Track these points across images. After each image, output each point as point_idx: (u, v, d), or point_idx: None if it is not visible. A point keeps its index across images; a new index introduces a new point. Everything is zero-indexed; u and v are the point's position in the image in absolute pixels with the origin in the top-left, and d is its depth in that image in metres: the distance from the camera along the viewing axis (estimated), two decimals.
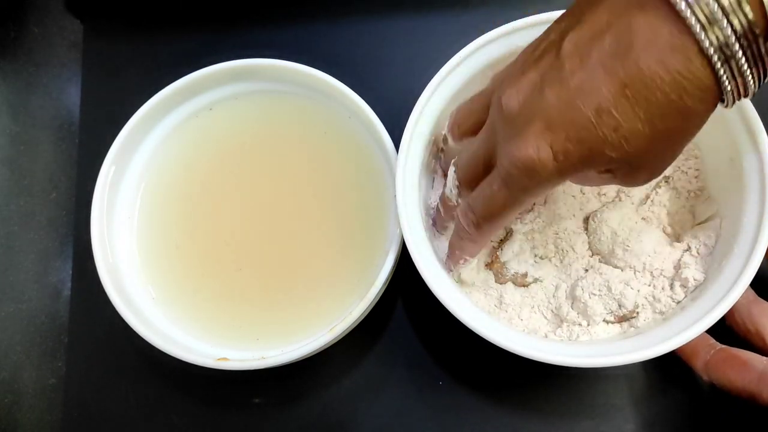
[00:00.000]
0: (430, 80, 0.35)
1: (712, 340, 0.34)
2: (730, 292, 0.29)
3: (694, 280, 0.32)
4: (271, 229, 0.40)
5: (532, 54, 0.26)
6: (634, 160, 0.24)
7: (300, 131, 0.42)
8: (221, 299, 0.39)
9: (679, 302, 0.33)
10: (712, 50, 0.21)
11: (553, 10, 0.34)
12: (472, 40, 0.35)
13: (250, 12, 0.47)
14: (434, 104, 0.35)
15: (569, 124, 0.23)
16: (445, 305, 0.31)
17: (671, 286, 0.33)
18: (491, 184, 0.27)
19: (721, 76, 0.21)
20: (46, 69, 0.48)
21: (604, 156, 0.24)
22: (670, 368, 0.37)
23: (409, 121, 0.34)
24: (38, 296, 0.43)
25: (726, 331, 0.33)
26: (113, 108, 0.42)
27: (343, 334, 0.35)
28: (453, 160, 0.31)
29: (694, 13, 0.21)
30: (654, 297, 0.33)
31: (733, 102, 0.22)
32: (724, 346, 0.33)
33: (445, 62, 0.35)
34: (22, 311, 0.43)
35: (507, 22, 0.35)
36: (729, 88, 0.22)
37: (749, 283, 0.30)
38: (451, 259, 0.34)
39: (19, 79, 0.48)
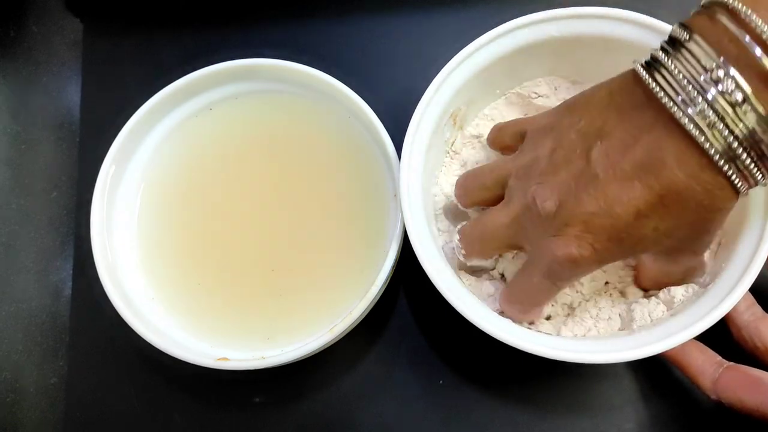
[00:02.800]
0: (430, 80, 0.35)
1: (719, 358, 0.33)
2: (734, 289, 0.29)
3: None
4: (271, 229, 0.40)
5: (555, 150, 0.28)
6: (676, 248, 0.28)
7: (300, 131, 0.42)
8: (221, 299, 0.39)
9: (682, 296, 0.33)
10: (718, 157, 0.24)
11: (553, 8, 0.34)
12: (472, 39, 0.35)
13: (250, 12, 0.47)
14: (439, 99, 0.35)
15: (610, 228, 0.26)
16: (446, 297, 0.31)
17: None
18: (530, 276, 0.30)
19: (731, 178, 0.24)
20: (46, 68, 0.48)
21: (644, 249, 0.28)
22: (670, 367, 0.37)
23: (413, 116, 0.34)
24: (39, 296, 0.43)
25: (733, 348, 0.33)
26: (113, 108, 0.41)
27: (343, 334, 0.35)
28: (458, 227, 0.34)
29: (698, 127, 0.23)
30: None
31: (746, 192, 0.25)
32: (732, 363, 0.32)
33: (445, 62, 0.35)
34: (23, 311, 0.43)
35: (508, 20, 0.35)
36: (740, 185, 0.24)
37: (754, 279, 0.29)
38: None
39: (19, 79, 0.48)
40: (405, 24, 0.46)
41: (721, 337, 0.33)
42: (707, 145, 0.23)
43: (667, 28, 0.32)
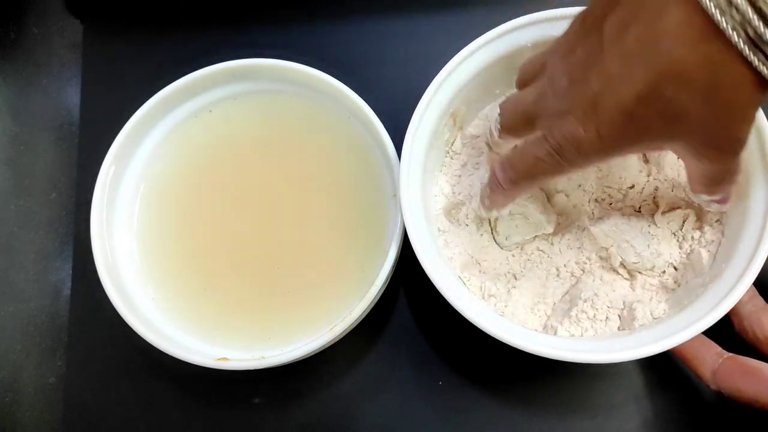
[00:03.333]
0: (430, 80, 0.35)
1: (719, 349, 0.33)
2: (731, 291, 0.29)
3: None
4: (271, 228, 0.40)
5: (582, 25, 0.26)
6: (696, 141, 0.25)
7: (300, 131, 0.42)
8: (221, 299, 0.39)
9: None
10: (737, 39, 0.21)
11: (553, 8, 0.35)
12: (471, 40, 0.35)
13: (250, 12, 0.47)
14: (439, 99, 0.35)
15: (612, 110, 0.24)
16: (445, 296, 0.31)
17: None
18: (539, 147, 0.28)
19: (756, 65, 0.21)
20: (46, 69, 0.48)
21: (653, 137, 0.25)
22: (671, 366, 0.37)
23: (413, 116, 0.34)
24: (38, 296, 0.43)
25: (734, 339, 0.33)
26: (113, 108, 0.41)
27: (343, 334, 0.35)
28: (499, 102, 0.32)
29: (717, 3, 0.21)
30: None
31: None
32: (732, 354, 0.33)
33: (445, 62, 0.35)
34: (22, 311, 0.43)
35: (508, 21, 0.35)
36: (765, 71, 0.21)
37: (752, 282, 0.29)
38: (481, 208, 0.34)
39: (19, 79, 0.48)
40: (405, 25, 0.46)
41: (723, 328, 0.33)
42: (725, 24, 0.21)
43: None
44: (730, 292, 0.29)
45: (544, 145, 0.28)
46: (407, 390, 0.39)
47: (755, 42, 0.21)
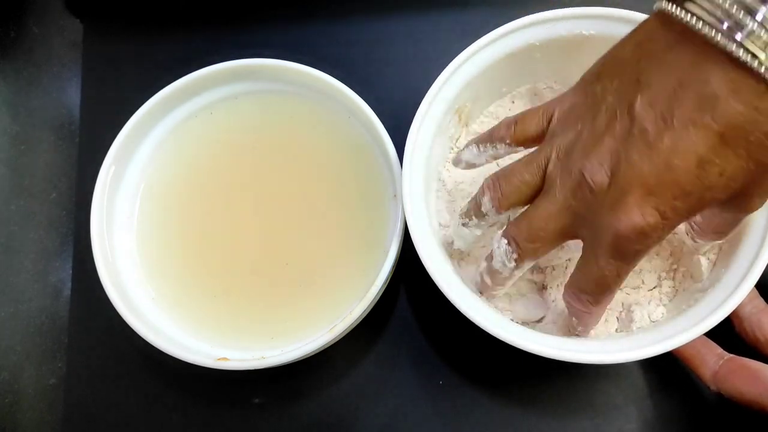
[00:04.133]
0: (430, 80, 0.35)
1: (720, 350, 0.33)
2: (733, 293, 0.29)
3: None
4: (271, 228, 0.40)
5: (594, 120, 0.26)
6: (742, 193, 0.25)
7: (300, 131, 0.42)
8: (221, 299, 0.39)
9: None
10: None
11: (554, 8, 0.35)
12: (472, 41, 0.35)
13: (250, 12, 0.47)
14: (445, 95, 0.35)
15: (672, 184, 0.24)
16: (446, 295, 0.31)
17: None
18: (595, 261, 0.27)
19: None
20: (46, 69, 0.48)
21: (713, 199, 0.24)
22: (671, 367, 0.37)
23: (418, 111, 0.34)
24: (38, 296, 0.43)
25: (734, 340, 0.33)
26: (113, 108, 0.41)
27: (343, 334, 0.35)
28: (500, 233, 0.30)
29: (751, 53, 0.21)
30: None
31: None
32: (732, 355, 0.33)
33: (446, 62, 0.35)
34: (22, 311, 0.43)
35: (508, 21, 0.35)
36: None
37: (754, 284, 0.29)
38: (578, 333, 0.33)
39: (19, 79, 0.48)
40: (405, 25, 0.46)
41: (723, 330, 0.33)
42: (763, 69, 0.21)
43: None
44: (729, 298, 0.29)
45: (598, 258, 0.27)
46: (407, 390, 0.39)
47: None
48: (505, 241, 0.30)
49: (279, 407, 0.39)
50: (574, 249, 0.35)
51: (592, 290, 0.28)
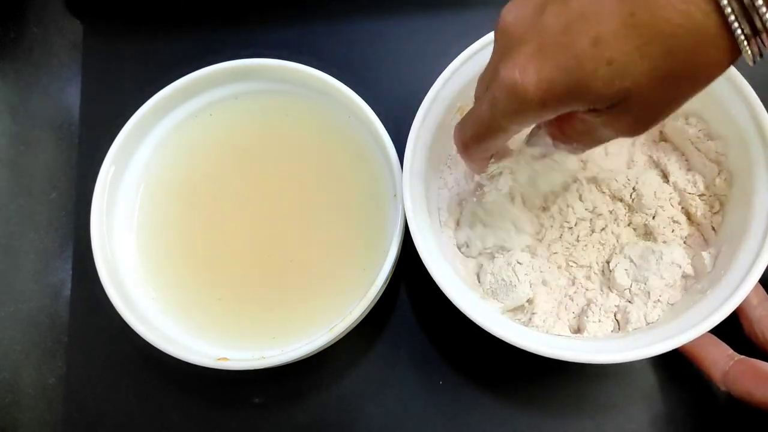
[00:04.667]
0: (430, 79, 0.35)
1: (731, 351, 0.33)
2: (733, 294, 0.29)
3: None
4: (271, 228, 0.40)
5: None
6: (623, 101, 0.22)
7: (300, 131, 0.42)
8: (221, 299, 0.39)
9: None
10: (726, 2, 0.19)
11: None
12: (472, 40, 0.35)
13: (250, 12, 0.47)
14: (446, 94, 0.35)
15: (561, 51, 0.22)
16: (447, 294, 0.31)
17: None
18: (481, 104, 0.26)
19: (735, 30, 0.19)
20: (46, 69, 0.48)
21: (591, 91, 0.22)
22: (672, 367, 0.37)
23: (419, 110, 0.34)
24: (38, 296, 0.43)
25: (743, 341, 0.33)
26: (113, 108, 0.41)
27: (343, 334, 0.35)
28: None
29: None
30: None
31: (754, 59, 0.20)
32: (743, 356, 0.33)
33: (446, 61, 0.35)
34: (22, 311, 0.43)
35: None
36: (744, 42, 0.20)
37: (753, 285, 0.29)
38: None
39: (19, 79, 0.48)
40: (404, 25, 0.46)
41: (732, 331, 0.33)
42: None
43: None
44: (729, 298, 0.30)
45: (484, 100, 0.25)
46: (407, 390, 0.39)
47: (746, 8, 0.19)
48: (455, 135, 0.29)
49: (279, 407, 0.39)
50: None
51: (467, 130, 0.27)
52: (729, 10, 0.19)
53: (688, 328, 0.29)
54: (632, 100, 0.22)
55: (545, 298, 0.35)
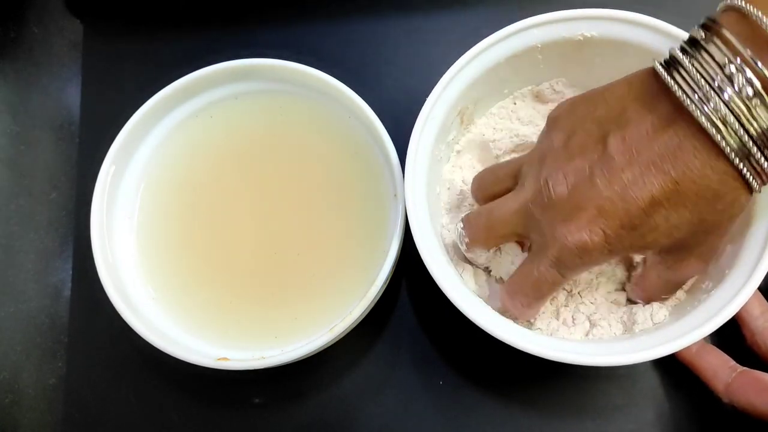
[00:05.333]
0: (430, 80, 0.35)
1: (733, 362, 0.33)
2: (736, 296, 0.29)
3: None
4: (271, 228, 0.40)
5: (570, 138, 0.28)
6: (681, 246, 0.28)
7: (300, 131, 0.42)
8: (221, 299, 0.39)
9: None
10: (732, 154, 0.24)
11: (552, 10, 0.35)
12: (473, 40, 0.35)
13: (250, 12, 0.47)
14: (447, 96, 0.35)
15: (623, 213, 0.26)
16: (449, 296, 0.31)
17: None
18: (536, 266, 0.29)
19: (745, 174, 0.24)
20: (46, 69, 0.48)
21: (654, 242, 0.27)
22: (672, 369, 0.37)
23: (421, 113, 0.34)
24: (38, 296, 0.43)
25: (745, 353, 0.33)
26: (113, 108, 0.41)
27: (343, 334, 0.35)
28: (463, 215, 0.33)
29: (714, 124, 0.24)
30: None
31: (760, 189, 0.25)
32: (745, 368, 0.33)
33: (446, 62, 0.35)
34: (22, 311, 0.43)
35: (507, 22, 0.35)
36: (753, 181, 0.25)
37: (756, 288, 0.29)
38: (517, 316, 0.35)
39: (19, 79, 0.48)
40: (405, 25, 0.46)
41: (734, 342, 0.33)
42: (721, 142, 0.24)
43: (677, 31, 0.32)
44: (731, 301, 0.29)
45: (541, 261, 0.29)
46: (407, 390, 0.39)
47: (747, 157, 0.24)
48: (461, 225, 0.32)
49: (279, 407, 0.39)
50: None
51: (527, 293, 0.31)
52: (737, 160, 0.24)
53: (693, 328, 0.29)
54: (689, 244, 0.28)
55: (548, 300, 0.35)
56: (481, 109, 0.39)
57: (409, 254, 0.36)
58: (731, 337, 0.31)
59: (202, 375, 0.36)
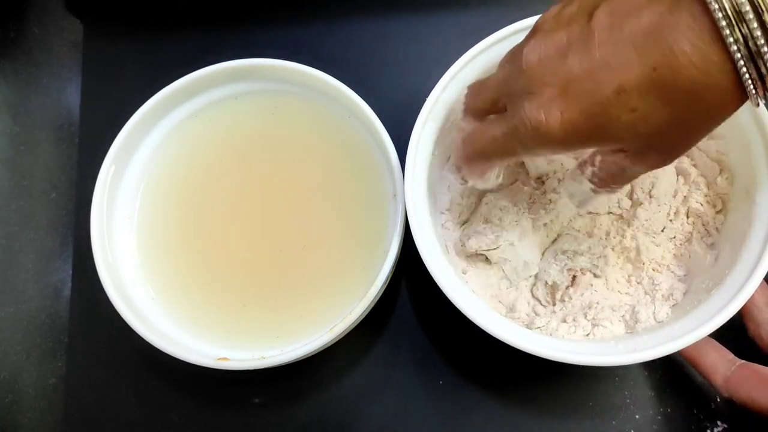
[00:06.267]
0: (430, 80, 0.35)
1: (732, 356, 0.33)
2: (737, 295, 0.29)
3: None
4: (271, 229, 0.40)
5: (559, 14, 0.25)
6: (645, 142, 0.24)
7: (300, 131, 0.42)
8: (221, 299, 0.39)
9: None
10: (735, 47, 0.21)
11: None
12: (472, 40, 0.35)
13: (250, 12, 0.47)
14: (447, 97, 0.35)
15: (585, 96, 0.23)
16: (449, 297, 0.31)
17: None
18: (496, 128, 0.27)
19: (743, 74, 0.21)
20: (46, 69, 0.48)
21: (613, 135, 0.24)
22: (671, 369, 0.37)
23: (420, 114, 0.34)
24: (38, 296, 0.43)
25: (749, 345, 0.33)
26: (113, 108, 0.41)
27: (343, 334, 0.35)
28: (468, 84, 0.31)
29: (722, 8, 0.20)
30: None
31: (758, 102, 0.22)
32: (744, 362, 0.32)
33: (446, 62, 0.35)
34: (22, 311, 0.43)
35: (507, 22, 0.35)
36: (751, 86, 0.21)
37: (757, 287, 0.29)
38: (457, 178, 0.33)
39: (19, 79, 0.48)
40: (405, 25, 0.46)
41: (736, 334, 0.33)
42: (727, 32, 0.20)
43: None
44: (732, 299, 0.29)
45: (501, 125, 0.27)
46: (407, 390, 0.39)
47: (752, 55, 0.21)
48: (464, 93, 0.31)
49: (279, 407, 0.39)
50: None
51: (475, 146, 0.29)
52: (738, 55, 0.21)
53: (694, 327, 0.29)
54: (654, 141, 0.24)
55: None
56: None
57: (409, 254, 0.36)
58: (731, 329, 0.30)
59: (202, 375, 0.36)
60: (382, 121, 0.38)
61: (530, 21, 0.35)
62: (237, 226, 0.40)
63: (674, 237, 0.35)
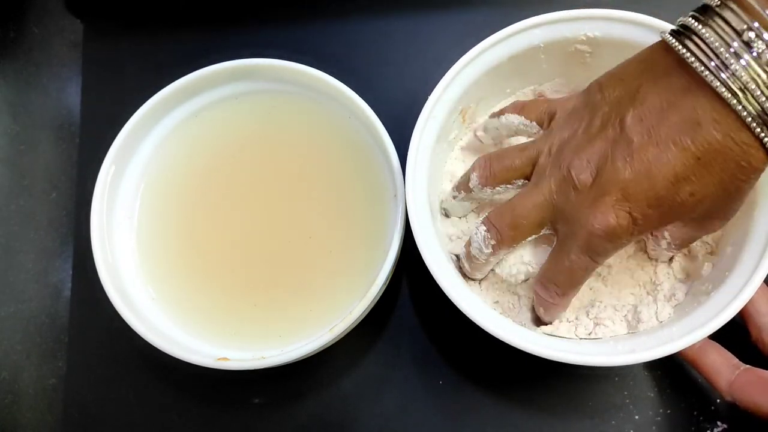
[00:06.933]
0: (430, 79, 0.35)
1: (736, 360, 0.33)
2: (737, 296, 0.29)
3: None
4: (271, 229, 0.40)
5: (590, 124, 0.28)
6: (705, 213, 0.27)
7: (300, 131, 0.42)
8: (221, 299, 0.39)
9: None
10: (753, 122, 0.24)
11: (553, 10, 0.35)
12: (473, 40, 0.35)
13: (250, 12, 0.47)
14: (449, 96, 0.35)
15: (648, 194, 0.26)
16: (450, 296, 0.31)
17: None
18: (567, 254, 0.29)
19: (764, 140, 0.24)
20: (46, 69, 0.48)
21: (681, 215, 0.27)
22: (672, 369, 0.37)
23: (422, 113, 0.34)
24: (38, 296, 0.43)
25: (751, 351, 0.33)
26: (113, 108, 0.41)
27: (343, 334, 0.35)
28: (481, 219, 0.32)
29: (732, 92, 0.23)
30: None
31: None
32: (748, 366, 0.32)
33: (447, 62, 0.35)
34: (22, 311, 0.43)
35: (508, 23, 0.35)
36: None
37: (757, 287, 0.29)
38: (544, 321, 0.35)
39: (19, 79, 0.48)
40: (405, 25, 0.46)
41: (739, 338, 0.33)
42: (740, 108, 0.24)
43: None
44: (733, 300, 0.29)
45: (572, 249, 0.29)
46: (407, 390, 0.39)
47: (765, 120, 0.24)
48: (484, 228, 0.32)
49: (279, 407, 0.39)
50: None
51: (561, 282, 0.30)
52: (759, 130, 0.24)
53: (694, 328, 0.29)
54: (712, 210, 0.28)
55: None
56: (483, 108, 0.39)
57: (409, 254, 0.36)
58: (734, 334, 0.30)
59: (202, 375, 0.36)
60: (382, 121, 0.38)
61: (531, 21, 0.35)
62: (237, 226, 0.40)
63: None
